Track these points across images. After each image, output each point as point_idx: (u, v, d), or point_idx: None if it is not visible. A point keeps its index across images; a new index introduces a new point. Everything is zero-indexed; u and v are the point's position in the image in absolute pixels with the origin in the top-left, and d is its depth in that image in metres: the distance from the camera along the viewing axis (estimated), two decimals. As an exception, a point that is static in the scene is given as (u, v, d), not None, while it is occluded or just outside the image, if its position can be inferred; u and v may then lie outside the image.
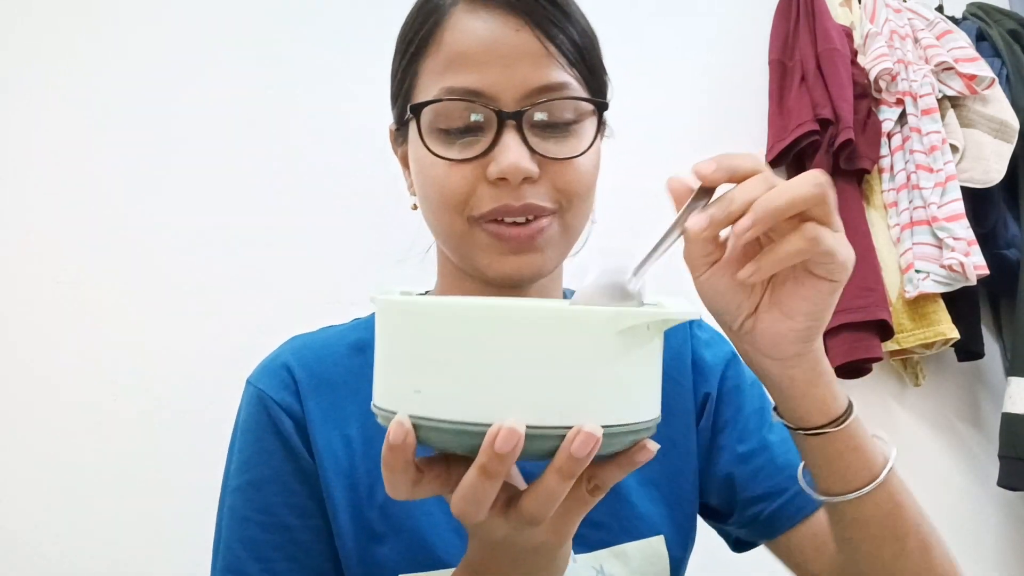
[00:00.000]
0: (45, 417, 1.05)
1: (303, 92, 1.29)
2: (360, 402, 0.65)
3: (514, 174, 0.57)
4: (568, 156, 0.60)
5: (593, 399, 0.40)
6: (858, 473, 0.53)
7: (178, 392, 1.12)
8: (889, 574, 0.57)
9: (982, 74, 1.62)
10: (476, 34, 0.59)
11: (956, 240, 1.50)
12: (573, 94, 0.61)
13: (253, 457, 0.65)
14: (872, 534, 0.56)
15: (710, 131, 1.63)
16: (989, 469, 1.62)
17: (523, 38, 0.59)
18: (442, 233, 0.63)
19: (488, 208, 0.59)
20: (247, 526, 0.63)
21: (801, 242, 0.46)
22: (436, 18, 0.61)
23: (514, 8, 0.59)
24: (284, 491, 0.64)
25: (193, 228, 1.18)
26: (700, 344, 0.76)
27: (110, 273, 1.12)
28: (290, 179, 1.25)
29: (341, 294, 1.23)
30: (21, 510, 1.02)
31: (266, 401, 0.65)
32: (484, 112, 0.58)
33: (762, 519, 0.69)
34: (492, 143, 0.58)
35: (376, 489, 0.63)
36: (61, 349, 1.08)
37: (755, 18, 1.73)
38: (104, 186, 1.15)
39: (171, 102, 1.21)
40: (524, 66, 0.58)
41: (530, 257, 0.61)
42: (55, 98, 1.15)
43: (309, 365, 0.66)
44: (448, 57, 0.59)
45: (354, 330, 0.71)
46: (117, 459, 1.07)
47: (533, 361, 0.39)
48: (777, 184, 0.47)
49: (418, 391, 0.40)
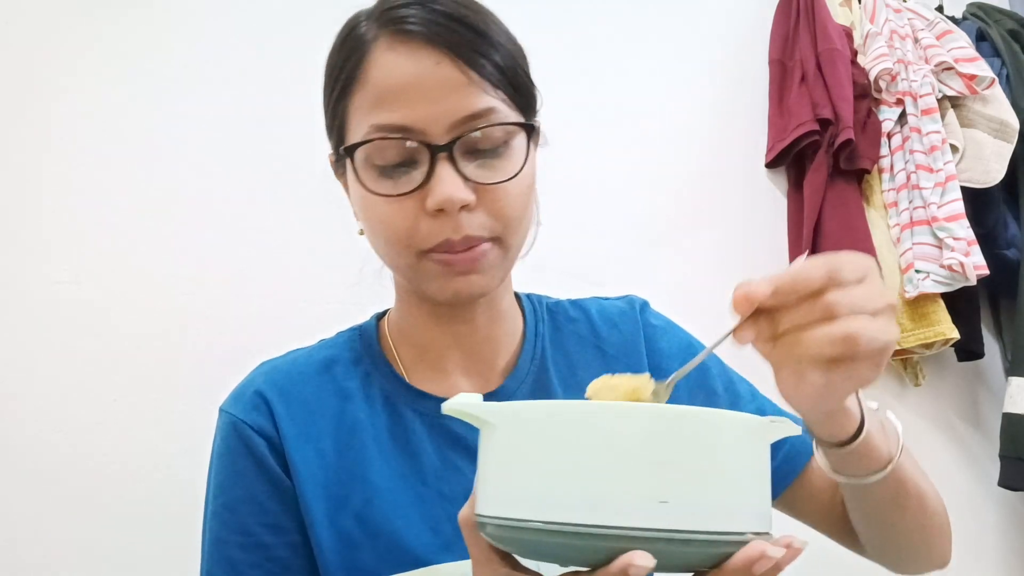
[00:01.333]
0: (45, 417, 1.05)
1: (304, 93, 1.29)
2: (330, 417, 0.68)
3: (450, 205, 0.59)
4: (501, 180, 0.62)
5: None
6: (869, 465, 0.56)
7: (178, 392, 1.12)
8: (888, 530, 0.63)
9: (982, 74, 1.62)
10: (399, 70, 0.60)
11: (956, 240, 1.50)
12: (500, 118, 0.62)
13: (227, 480, 0.67)
14: (877, 502, 0.61)
15: (710, 131, 1.63)
16: (989, 469, 1.62)
17: (444, 70, 0.60)
18: (391, 264, 0.66)
19: (433, 243, 0.61)
20: (226, 548, 0.66)
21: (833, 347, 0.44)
22: (360, 54, 0.62)
23: (432, 41, 0.60)
24: (259, 511, 0.66)
25: (193, 228, 1.18)
26: (654, 332, 0.77)
27: (110, 273, 1.12)
28: (291, 179, 1.25)
29: (341, 294, 1.23)
30: (21, 510, 1.02)
31: (238, 425, 0.67)
32: (415, 147, 0.60)
33: (776, 466, 0.71)
34: (427, 176, 0.60)
35: (350, 498, 0.65)
36: (61, 349, 1.08)
37: (755, 18, 1.73)
38: (104, 186, 1.15)
39: (171, 102, 1.21)
40: (448, 98, 0.60)
41: (473, 278, 0.63)
42: (55, 98, 1.15)
43: (280, 386, 0.69)
44: (374, 95, 0.61)
45: (321, 349, 0.74)
46: (117, 459, 1.07)
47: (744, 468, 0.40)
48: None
49: (664, 502, 0.36)
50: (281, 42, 1.29)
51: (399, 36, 0.61)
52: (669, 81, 1.62)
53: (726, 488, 0.38)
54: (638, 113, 1.56)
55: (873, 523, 0.65)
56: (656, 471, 0.36)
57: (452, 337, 0.71)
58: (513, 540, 0.40)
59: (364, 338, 0.74)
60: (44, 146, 1.13)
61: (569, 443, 0.38)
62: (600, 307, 0.79)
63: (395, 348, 0.73)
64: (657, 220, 1.53)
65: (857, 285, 0.44)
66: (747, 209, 1.63)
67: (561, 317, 0.78)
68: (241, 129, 1.24)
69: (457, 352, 0.72)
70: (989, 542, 1.64)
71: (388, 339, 0.74)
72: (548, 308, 0.78)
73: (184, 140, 1.20)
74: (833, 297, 0.43)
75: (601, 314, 0.78)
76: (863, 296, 0.44)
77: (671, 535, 0.36)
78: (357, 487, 0.65)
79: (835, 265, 0.44)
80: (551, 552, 0.39)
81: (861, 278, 0.44)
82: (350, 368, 0.71)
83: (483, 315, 0.71)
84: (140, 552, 1.06)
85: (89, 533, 1.04)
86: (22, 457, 1.04)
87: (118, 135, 1.17)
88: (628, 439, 0.37)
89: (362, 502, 0.65)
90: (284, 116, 1.27)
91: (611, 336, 0.76)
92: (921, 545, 0.67)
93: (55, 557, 1.02)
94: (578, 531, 0.36)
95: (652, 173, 1.55)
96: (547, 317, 0.77)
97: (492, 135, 0.62)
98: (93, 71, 1.17)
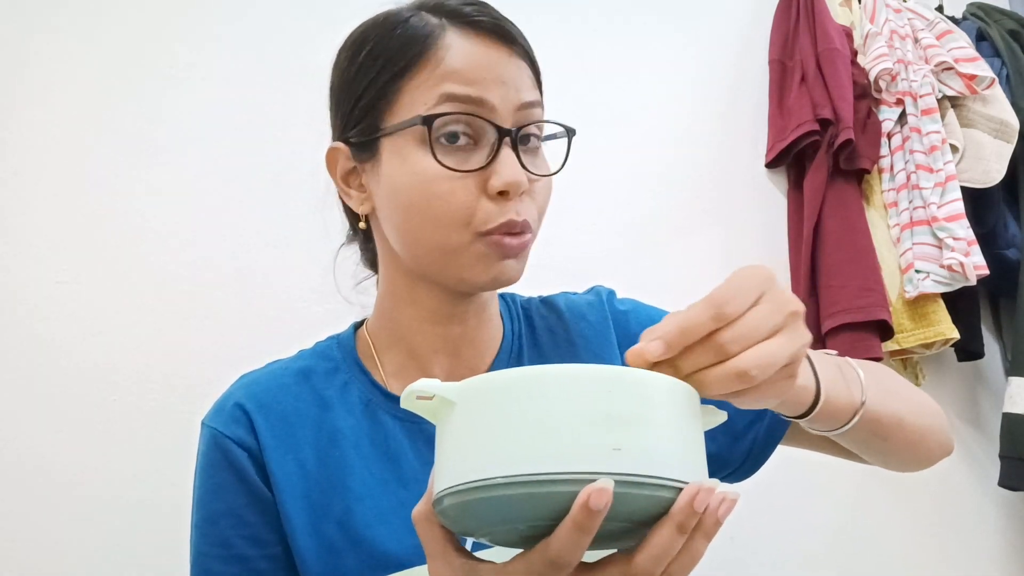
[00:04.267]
0: (45, 417, 1.05)
1: (305, 93, 1.29)
2: (310, 426, 0.69)
3: (516, 188, 0.62)
4: (547, 174, 0.67)
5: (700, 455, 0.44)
6: (837, 420, 0.58)
7: (178, 393, 1.12)
8: (878, 453, 0.67)
9: (982, 74, 1.62)
10: (475, 53, 0.64)
11: (956, 240, 1.50)
12: (546, 117, 0.68)
13: (207, 494, 0.68)
14: (858, 440, 0.64)
15: (710, 131, 1.63)
16: (989, 469, 1.62)
17: (513, 61, 0.65)
18: (434, 245, 0.64)
19: (495, 224, 0.62)
20: (206, 560, 0.67)
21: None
22: (425, 39, 0.64)
23: (501, 35, 0.65)
24: (238, 523, 0.66)
25: (194, 228, 1.18)
26: (623, 318, 0.79)
27: (110, 273, 1.12)
28: (291, 180, 1.25)
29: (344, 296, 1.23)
30: (21, 510, 1.02)
31: (218, 438, 0.68)
32: (483, 125, 0.63)
33: (761, 437, 0.74)
34: (491, 158, 0.62)
35: (332, 506, 0.66)
36: (61, 349, 1.08)
37: (755, 18, 1.73)
38: (104, 186, 1.15)
39: (172, 101, 1.21)
40: (516, 83, 0.65)
41: (513, 264, 0.65)
42: (55, 98, 1.15)
43: (259, 398, 0.69)
44: (446, 71, 0.63)
45: (298, 359, 0.75)
46: (117, 460, 1.07)
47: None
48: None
49: (618, 448, 0.40)
50: (284, 41, 1.29)
51: (471, 26, 0.65)
52: (669, 81, 1.62)
53: (670, 439, 0.42)
54: (638, 113, 1.56)
55: (863, 451, 0.68)
56: (608, 423, 0.40)
57: (441, 340, 0.71)
58: (473, 506, 0.41)
59: (342, 347, 0.75)
60: (44, 146, 1.13)
61: (528, 404, 0.41)
62: (568, 301, 0.80)
63: (377, 355, 0.73)
64: (657, 220, 1.53)
65: (747, 313, 0.44)
66: (747, 209, 1.63)
67: (534, 314, 0.79)
68: (241, 129, 1.24)
69: (442, 356, 0.72)
70: (989, 542, 1.64)
71: (370, 347, 0.74)
72: (521, 306, 0.80)
73: (184, 140, 1.20)
74: (721, 338, 0.44)
75: (570, 308, 0.79)
76: (753, 323, 0.44)
77: (625, 478, 0.39)
78: (338, 495, 0.66)
79: (719, 302, 0.44)
80: (512, 509, 0.41)
81: (754, 300, 0.45)
82: (328, 377, 0.72)
83: (474, 317, 0.72)
84: (140, 552, 1.06)
85: (89, 534, 1.04)
86: (22, 457, 1.04)
87: (118, 135, 1.17)
88: (582, 395, 0.41)
89: (343, 510, 0.65)
90: (283, 116, 1.27)
91: (581, 328, 0.77)
92: (915, 453, 0.69)
93: (55, 557, 1.02)
94: (540, 479, 0.39)
95: (652, 173, 1.55)
96: (521, 315, 0.78)
97: (536, 130, 0.66)
98: (93, 70, 1.17)
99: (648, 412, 0.41)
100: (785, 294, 0.47)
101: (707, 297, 0.45)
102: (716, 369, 0.44)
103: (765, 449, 0.75)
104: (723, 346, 0.44)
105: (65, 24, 1.17)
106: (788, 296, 0.47)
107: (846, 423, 0.58)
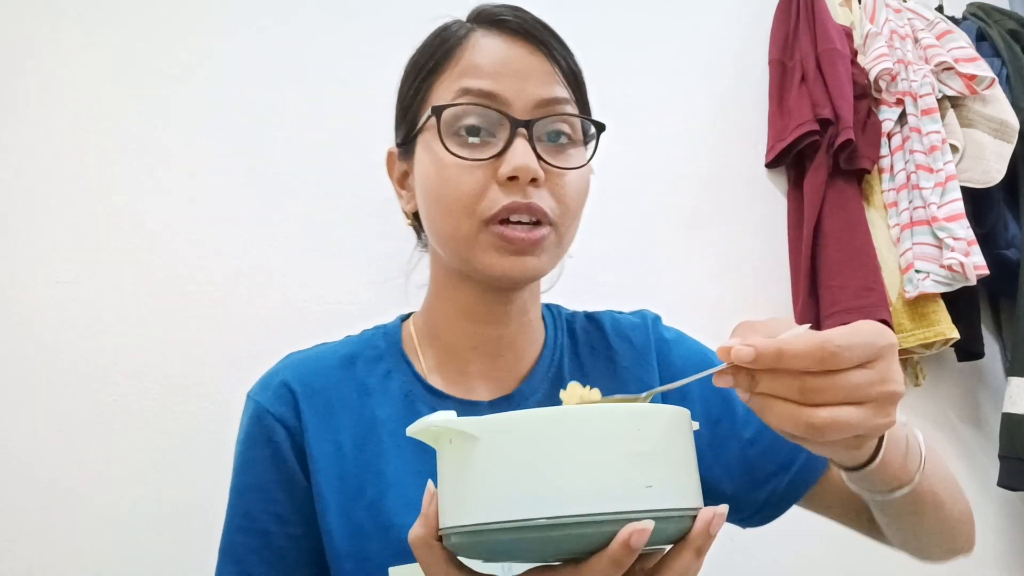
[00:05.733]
0: (45, 417, 1.05)
1: (310, 92, 1.29)
2: (350, 411, 0.70)
3: (524, 173, 0.62)
4: (568, 167, 0.67)
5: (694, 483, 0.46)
6: (885, 484, 0.57)
7: (178, 393, 1.12)
8: (907, 532, 0.66)
9: (982, 74, 1.62)
10: (494, 50, 0.66)
11: (956, 240, 1.50)
12: (575, 112, 0.68)
13: (241, 465, 0.70)
14: (893, 511, 0.62)
15: (710, 131, 1.63)
16: (989, 469, 1.62)
17: (535, 58, 0.67)
18: (448, 235, 0.66)
19: (499, 207, 0.63)
20: (231, 530, 0.69)
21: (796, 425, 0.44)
22: (453, 41, 0.68)
23: (525, 34, 0.67)
24: (266, 498, 0.68)
25: (193, 228, 1.18)
26: (666, 346, 0.79)
27: (110, 273, 1.12)
28: (291, 181, 1.25)
29: (340, 295, 1.23)
30: (21, 510, 1.02)
31: (261, 414, 0.69)
32: (498, 118, 0.64)
33: (781, 490, 0.73)
34: (504, 147, 0.64)
35: (365, 490, 0.67)
36: (61, 349, 1.08)
37: (755, 18, 1.73)
38: (105, 186, 1.15)
39: (173, 101, 1.21)
40: (536, 80, 0.66)
41: (530, 260, 0.65)
42: (55, 98, 1.15)
43: (305, 379, 0.71)
44: (466, 67, 0.66)
45: (344, 345, 0.76)
46: (117, 460, 1.07)
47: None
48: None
49: (649, 486, 0.42)
50: (287, 40, 1.29)
51: (496, 26, 0.68)
52: (669, 81, 1.61)
53: (687, 470, 0.45)
54: (638, 113, 1.56)
55: (891, 526, 0.66)
56: (639, 460, 0.42)
57: (480, 339, 0.73)
58: (504, 543, 0.42)
59: (388, 337, 0.76)
60: (44, 146, 1.13)
61: (561, 444, 0.42)
62: (614, 320, 0.81)
63: (419, 349, 0.75)
64: (657, 220, 1.53)
65: (849, 371, 0.42)
66: (747, 209, 1.63)
67: (577, 328, 0.80)
68: (241, 129, 1.24)
69: (480, 356, 0.74)
70: (989, 542, 1.64)
71: (413, 340, 0.76)
72: (566, 319, 0.81)
73: (184, 140, 1.20)
74: (812, 383, 0.42)
75: (615, 327, 0.80)
76: (850, 385, 0.42)
77: (658, 514, 0.41)
78: (371, 480, 0.67)
79: (831, 349, 0.42)
80: (547, 547, 0.42)
81: (868, 360, 0.43)
82: (371, 365, 0.73)
83: (516, 319, 0.74)
84: (139, 552, 1.06)
85: (88, 534, 1.04)
86: (21, 457, 1.04)
87: (118, 134, 1.17)
88: (613, 435, 0.42)
89: (376, 494, 0.67)
90: (278, 115, 1.27)
91: (623, 349, 0.78)
92: (941, 541, 0.69)
93: (55, 557, 1.02)
94: (581, 520, 0.40)
95: (652, 173, 1.55)
96: (564, 327, 0.80)
97: (564, 127, 0.67)
98: (93, 70, 1.17)
99: (669, 446, 0.43)
100: (894, 370, 0.44)
101: (823, 337, 0.42)
102: (788, 407, 0.43)
103: (781, 503, 0.74)
104: (809, 391, 0.42)
105: (65, 24, 1.17)
106: (896, 373, 0.44)
107: (892, 490, 0.57)
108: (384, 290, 1.19)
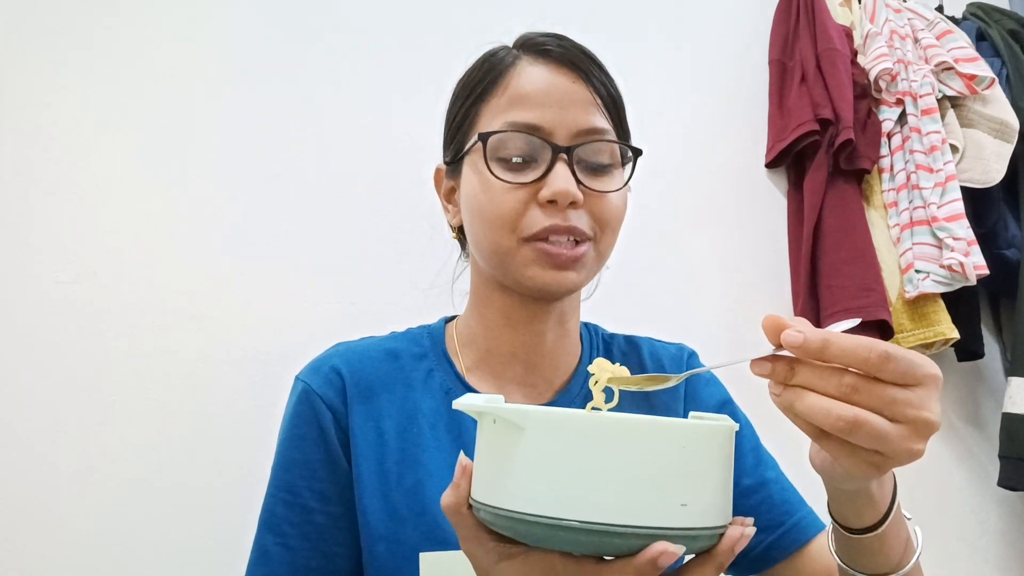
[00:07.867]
0: (45, 417, 1.05)
1: (319, 95, 1.29)
2: (392, 400, 0.74)
3: (563, 197, 0.67)
4: (606, 190, 0.71)
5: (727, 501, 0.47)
6: (875, 565, 0.58)
7: (178, 393, 1.12)
8: None
9: (982, 74, 1.62)
10: (539, 80, 0.71)
11: (956, 240, 1.50)
12: (613, 139, 0.72)
13: (287, 441, 0.73)
14: None
15: (710, 131, 1.63)
16: (989, 469, 1.62)
17: (578, 88, 0.71)
18: (490, 248, 0.71)
19: (539, 228, 0.67)
20: (274, 502, 0.72)
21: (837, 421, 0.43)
22: (501, 68, 0.72)
23: (571, 64, 0.72)
24: (310, 475, 0.71)
25: (193, 228, 1.18)
26: (698, 381, 0.82)
27: (110, 273, 1.12)
28: (290, 180, 1.25)
29: (340, 296, 1.23)
30: (20, 510, 1.02)
31: (310, 395, 0.73)
32: (540, 144, 0.69)
33: (759, 550, 0.76)
34: (545, 172, 0.68)
35: (404, 476, 0.70)
36: (61, 349, 1.08)
37: (755, 18, 1.73)
38: (104, 186, 1.15)
39: (172, 100, 1.21)
40: (577, 110, 0.70)
41: (568, 274, 0.69)
42: (57, 96, 1.15)
43: (354, 366, 0.75)
44: (512, 97, 0.70)
45: (390, 340, 0.80)
46: (117, 460, 1.07)
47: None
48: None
49: (685, 504, 0.43)
50: (290, 40, 1.29)
51: (541, 56, 0.72)
52: (669, 81, 1.62)
53: (723, 491, 0.45)
54: (638, 113, 1.55)
55: None
56: (678, 478, 0.43)
57: (519, 346, 0.76)
58: (535, 531, 0.44)
59: (432, 336, 0.80)
60: (44, 146, 1.13)
61: (604, 450, 0.43)
62: (652, 347, 0.85)
63: (459, 351, 0.79)
64: (657, 219, 1.53)
65: (896, 387, 0.42)
66: (747, 209, 1.63)
67: (614, 348, 0.83)
68: (241, 129, 1.24)
69: (518, 362, 0.77)
70: (989, 542, 1.64)
71: (454, 341, 0.79)
72: (603, 338, 0.84)
73: (185, 139, 1.20)
74: (853, 381, 0.42)
75: (651, 353, 0.84)
76: (892, 396, 0.42)
77: (687, 532, 0.42)
78: (411, 467, 0.70)
79: (889, 355, 0.41)
80: (574, 545, 0.43)
81: (912, 383, 0.42)
82: (415, 361, 0.77)
83: (553, 329, 0.77)
84: (139, 552, 1.06)
85: (88, 533, 1.04)
86: (22, 457, 1.04)
87: (119, 134, 1.17)
88: (657, 450, 0.43)
89: (415, 481, 0.70)
90: (280, 116, 1.27)
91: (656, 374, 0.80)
92: None
93: (55, 557, 1.02)
94: (610, 530, 0.41)
95: (652, 173, 1.55)
96: (601, 345, 0.83)
97: (603, 154, 0.71)
98: (93, 69, 1.17)
99: (710, 466, 0.44)
100: (935, 400, 0.44)
101: (885, 345, 0.42)
102: (824, 401, 0.42)
103: (766, 558, 0.76)
104: (848, 387, 0.42)
105: (65, 24, 1.17)
106: (936, 405, 0.44)
107: (885, 573, 0.57)
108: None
